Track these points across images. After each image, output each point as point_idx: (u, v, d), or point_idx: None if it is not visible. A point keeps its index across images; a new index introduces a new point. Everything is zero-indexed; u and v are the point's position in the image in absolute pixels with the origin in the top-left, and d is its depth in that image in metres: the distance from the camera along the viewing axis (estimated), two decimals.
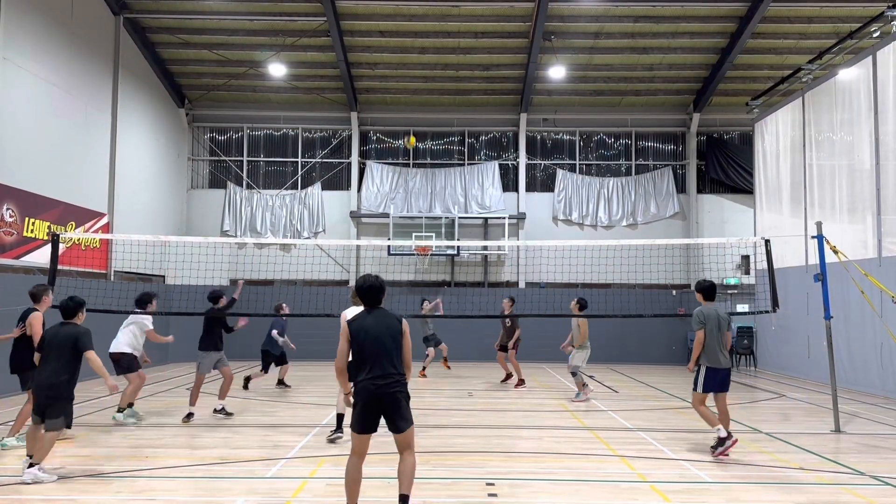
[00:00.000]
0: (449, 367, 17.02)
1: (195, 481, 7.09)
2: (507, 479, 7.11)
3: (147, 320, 10.49)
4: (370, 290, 5.84)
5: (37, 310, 8.38)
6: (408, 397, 5.66)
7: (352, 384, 5.70)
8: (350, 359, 5.73)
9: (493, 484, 6.91)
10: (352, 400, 5.67)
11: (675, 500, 6.48)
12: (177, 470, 7.38)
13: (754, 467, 7.86)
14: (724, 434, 8.21)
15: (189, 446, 8.70)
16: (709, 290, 8.63)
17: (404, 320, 5.77)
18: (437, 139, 23.12)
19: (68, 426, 7.23)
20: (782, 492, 6.83)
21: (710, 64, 20.78)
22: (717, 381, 8.37)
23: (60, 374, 6.97)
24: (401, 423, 5.58)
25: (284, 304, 14.15)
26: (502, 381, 15.43)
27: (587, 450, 8.68)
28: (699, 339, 8.32)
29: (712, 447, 8.32)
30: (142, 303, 10.53)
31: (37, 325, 8.14)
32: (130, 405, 10.24)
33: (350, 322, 5.72)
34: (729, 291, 21.37)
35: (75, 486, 6.77)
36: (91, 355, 7.13)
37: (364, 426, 5.55)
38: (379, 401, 5.53)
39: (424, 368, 16.55)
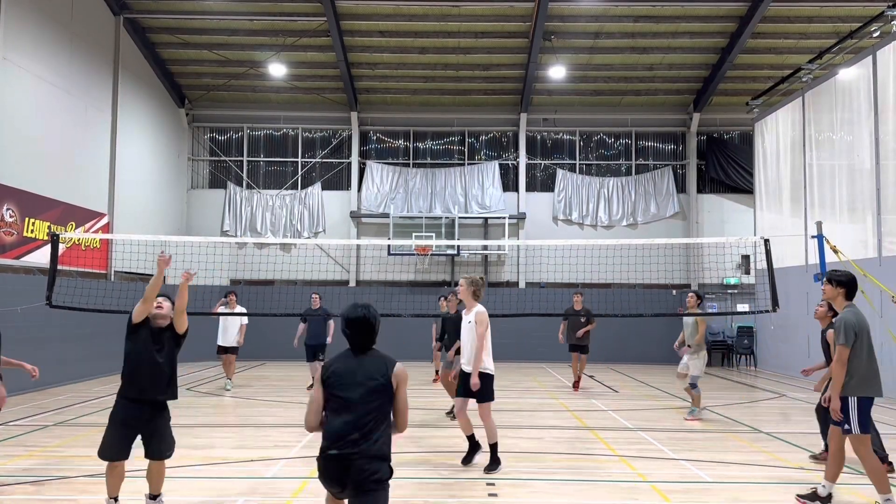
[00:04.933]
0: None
1: (195, 481, 7.08)
2: (507, 479, 7.12)
3: None
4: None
5: None
6: None
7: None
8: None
9: (493, 484, 6.92)
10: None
11: (675, 500, 6.48)
12: (177, 470, 7.37)
13: (754, 467, 7.86)
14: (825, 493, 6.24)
15: (189, 446, 8.68)
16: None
17: None
18: (437, 139, 23.12)
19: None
20: (782, 492, 6.83)
21: (710, 64, 20.77)
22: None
23: None
24: None
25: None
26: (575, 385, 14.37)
27: (587, 450, 8.68)
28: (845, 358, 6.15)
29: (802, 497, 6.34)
30: None
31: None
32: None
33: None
34: (729, 291, 21.39)
35: (75, 486, 6.77)
36: None
37: None
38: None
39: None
